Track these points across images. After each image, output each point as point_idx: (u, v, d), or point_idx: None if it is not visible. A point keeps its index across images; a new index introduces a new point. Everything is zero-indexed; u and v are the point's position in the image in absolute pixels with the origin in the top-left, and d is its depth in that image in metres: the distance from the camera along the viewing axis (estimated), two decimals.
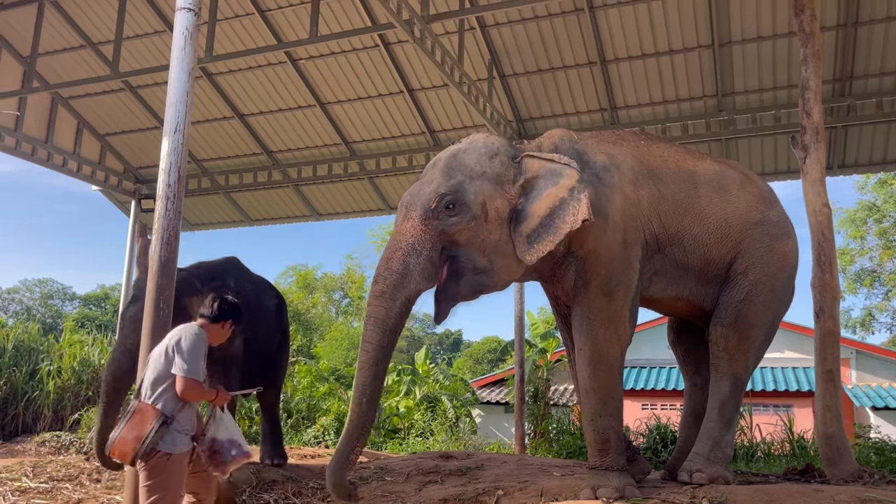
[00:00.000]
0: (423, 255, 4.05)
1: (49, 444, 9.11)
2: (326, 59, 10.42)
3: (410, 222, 4.12)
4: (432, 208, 4.09)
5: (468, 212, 4.11)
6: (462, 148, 4.38)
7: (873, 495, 3.93)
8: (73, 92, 11.52)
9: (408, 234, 4.10)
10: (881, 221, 23.82)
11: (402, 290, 4.02)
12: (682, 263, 4.84)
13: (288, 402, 13.33)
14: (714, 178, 5.02)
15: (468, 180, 4.18)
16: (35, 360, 12.06)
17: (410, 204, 4.20)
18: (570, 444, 9.98)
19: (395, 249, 4.09)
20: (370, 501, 5.24)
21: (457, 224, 4.10)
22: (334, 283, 33.30)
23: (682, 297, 4.93)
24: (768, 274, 4.99)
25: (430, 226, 4.09)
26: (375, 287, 4.06)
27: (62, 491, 5.19)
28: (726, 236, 4.92)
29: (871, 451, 8.06)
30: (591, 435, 4.53)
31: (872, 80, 9.19)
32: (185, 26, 4.51)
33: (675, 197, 4.79)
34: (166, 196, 4.30)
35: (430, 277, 4.09)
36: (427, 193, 4.16)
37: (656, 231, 4.70)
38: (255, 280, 6.83)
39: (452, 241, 4.14)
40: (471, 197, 4.13)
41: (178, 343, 3.49)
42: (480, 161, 4.26)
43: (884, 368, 16.57)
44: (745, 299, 4.90)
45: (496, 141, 4.44)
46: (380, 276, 4.06)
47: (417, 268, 4.03)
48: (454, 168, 4.24)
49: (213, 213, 13.81)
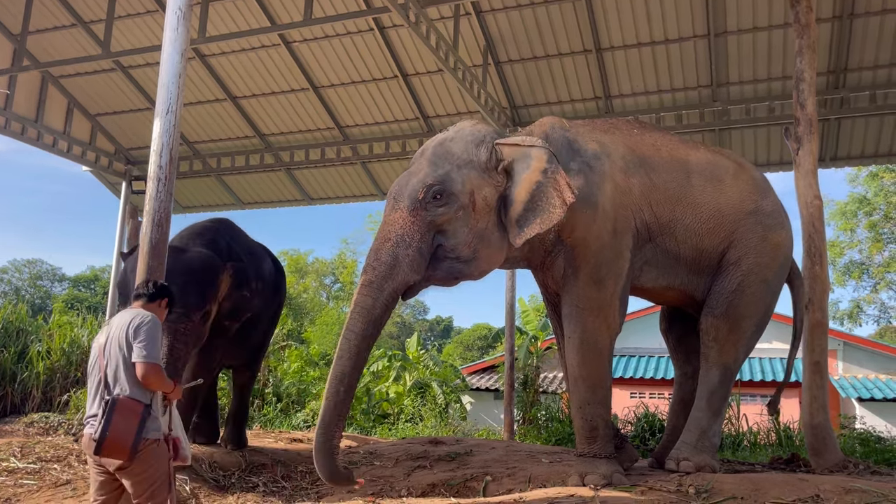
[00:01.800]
0: (412, 247, 4.05)
1: (37, 425, 9.09)
2: (320, 42, 10.34)
3: (399, 213, 4.12)
4: (420, 199, 4.08)
5: (456, 201, 4.11)
6: (449, 136, 4.37)
7: (857, 485, 3.97)
8: (63, 71, 11.40)
9: (396, 225, 4.10)
10: (871, 214, 23.93)
11: (390, 281, 4.02)
12: (674, 253, 4.84)
13: (278, 386, 13.34)
14: (707, 167, 5.01)
15: (455, 169, 4.18)
16: (24, 341, 11.99)
17: (398, 195, 4.19)
18: (559, 431, 10.04)
19: (384, 240, 4.09)
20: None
21: (445, 213, 4.10)
22: (326, 268, 33.30)
23: (673, 287, 4.94)
24: (761, 264, 4.98)
25: (419, 216, 4.09)
26: (364, 277, 4.07)
27: (50, 471, 5.18)
28: (719, 226, 4.91)
29: (855, 442, 8.14)
30: (579, 422, 4.55)
31: (866, 73, 9.20)
32: (177, 6, 4.46)
33: (667, 186, 4.78)
34: (157, 178, 4.28)
35: (419, 269, 4.09)
36: (415, 184, 4.15)
37: (647, 220, 4.69)
38: (254, 247, 6.69)
39: (441, 231, 4.14)
40: (458, 186, 4.13)
41: (135, 329, 3.35)
42: (467, 149, 4.25)
43: (870, 360, 16.72)
44: (737, 290, 4.91)
45: (483, 128, 4.42)
46: (369, 266, 4.07)
47: (406, 259, 4.04)
48: (441, 157, 4.24)
49: (204, 195, 13.73)
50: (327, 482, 3.96)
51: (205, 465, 5.70)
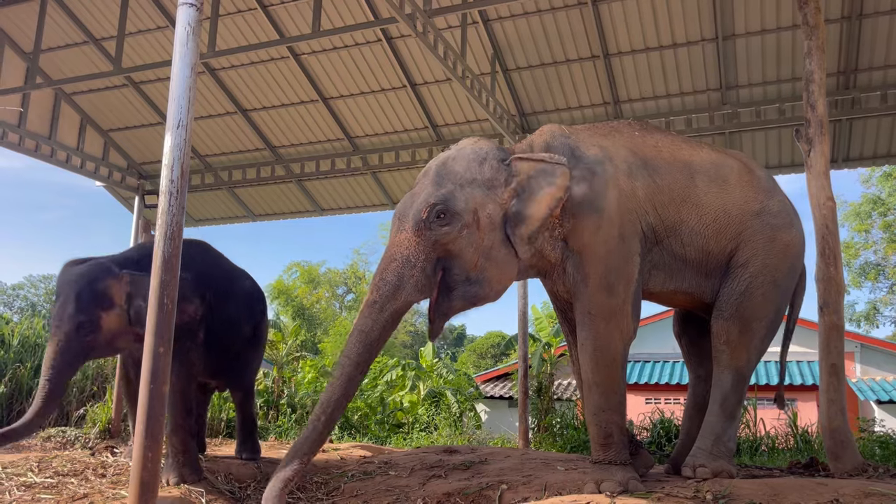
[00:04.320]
0: (416, 267, 4.08)
1: (55, 440, 9.14)
2: (329, 53, 10.41)
3: (404, 234, 4.15)
4: (424, 218, 4.10)
5: (459, 220, 4.12)
6: (451, 156, 4.39)
7: (877, 489, 3.92)
8: (75, 88, 11.52)
9: (402, 246, 4.12)
10: (886, 215, 23.76)
11: (393, 301, 4.06)
12: (681, 256, 4.80)
13: (292, 397, 13.37)
14: (711, 167, 4.95)
15: (458, 188, 4.19)
16: (40, 356, 12.07)
17: (403, 215, 4.22)
18: (574, 438, 9.99)
19: (389, 261, 4.12)
20: (374, 496, 5.26)
21: (448, 233, 4.11)
22: (338, 279, 33.42)
23: (681, 291, 4.90)
24: (770, 265, 4.91)
25: (423, 237, 4.11)
26: (368, 297, 4.11)
27: (67, 486, 5.20)
28: (725, 227, 4.86)
29: (875, 445, 8.06)
30: (594, 429, 4.52)
31: (877, 73, 9.14)
32: (187, 21, 4.50)
33: (671, 187, 4.74)
34: (169, 192, 4.29)
35: (424, 290, 4.13)
36: (418, 204, 4.17)
37: (653, 223, 4.65)
38: (228, 268, 6.72)
39: (446, 251, 4.15)
40: (461, 205, 4.14)
41: None
42: (469, 168, 4.27)
43: (888, 362, 16.55)
44: (746, 291, 4.85)
45: (484, 145, 4.44)
46: (374, 287, 4.11)
47: (411, 280, 4.07)
48: (443, 177, 4.26)
49: (216, 208, 13.82)
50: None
51: (220, 476, 5.71)
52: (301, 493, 5.66)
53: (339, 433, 11.92)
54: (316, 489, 5.76)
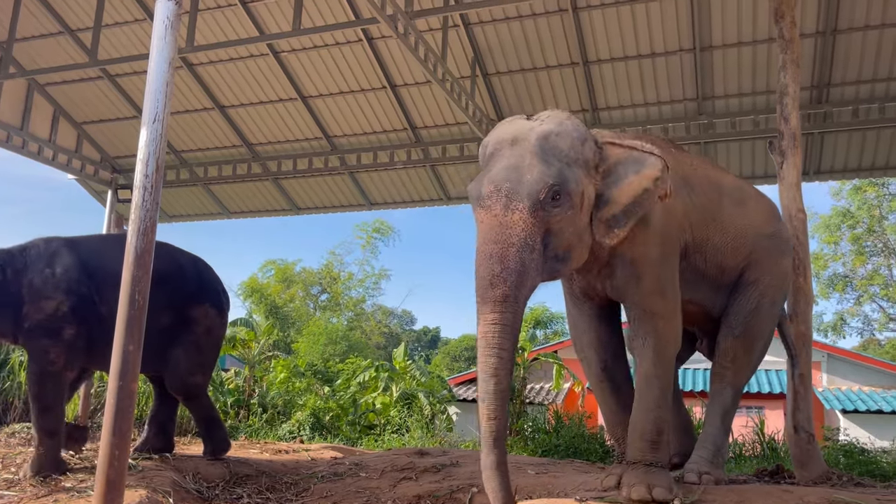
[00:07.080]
0: (535, 250, 3.75)
1: (19, 436, 8.96)
2: (309, 52, 10.36)
3: (518, 214, 3.74)
4: (541, 199, 3.76)
5: (569, 201, 3.86)
6: (553, 130, 4.06)
7: (841, 496, 3.99)
8: (49, 79, 11.33)
9: (518, 228, 3.72)
10: (854, 227, 24.21)
11: (523, 289, 3.72)
12: (701, 270, 4.92)
13: (263, 397, 13.26)
14: (735, 191, 5.21)
15: (566, 168, 3.92)
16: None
17: (512, 192, 3.78)
18: (545, 442, 10.02)
19: (507, 245, 3.69)
20: (344, 497, 5.24)
21: (559, 214, 3.84)
22: (313, 278, 33.17)
23: (693, 301, 4.93)
24: (773, 286, 5.19)
25: (538, 217, 3.77)
26: (496, 291, 3.63)
27: (31, 483, 5.11)
28: (741, 246, 5.06)
29: (839, 454, 8.19)
30: (647, 426, 4.26)
31: (849, 88, 9.31)
32: (165, 15, 4.44)
33: (704, 206, 4.86)
34: (143, 186, 4.23)
35: (542, 273, 3.85)
36: (532, 182, 3.79)
37: (687, 239, 4.74)
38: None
39: (548, 229, 3.86)
40: (573, 186, 3.89)
41: None
42: (574, 147, 4.02)
43: (854, 372, 16.89)
44: (755, 310, 5.07)
45: (582, 126, 4.22)
46: (498, 279, 3.63)
47: (533, 264, 3.73)
48: (549, 153, 3.94)
49: (191, 204, 13.66)
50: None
51: (189, 476, 5.64)
52: (270, 493, 5.62)
53: (309, 433, 11.85)
54: (286, 489, 5.72)
